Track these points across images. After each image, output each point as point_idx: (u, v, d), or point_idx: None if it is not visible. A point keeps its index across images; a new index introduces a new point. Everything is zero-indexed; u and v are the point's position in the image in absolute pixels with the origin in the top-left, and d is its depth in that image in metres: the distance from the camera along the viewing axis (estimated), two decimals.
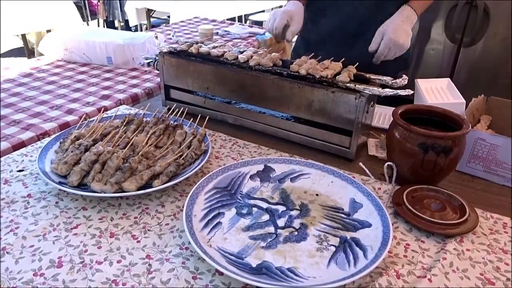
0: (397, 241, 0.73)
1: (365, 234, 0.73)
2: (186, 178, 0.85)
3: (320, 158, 0.99)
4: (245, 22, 4.53)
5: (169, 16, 4.18)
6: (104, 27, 4.97)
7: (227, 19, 3.20)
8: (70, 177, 0.80)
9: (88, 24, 4.99)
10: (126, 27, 5.05)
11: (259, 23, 4.61)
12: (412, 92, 0.91)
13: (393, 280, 0.65)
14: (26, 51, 3.56)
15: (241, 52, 1.12)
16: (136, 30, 4.82)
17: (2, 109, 1.41)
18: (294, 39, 1.33)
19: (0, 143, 1.17)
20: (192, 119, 1.06)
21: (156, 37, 1.98)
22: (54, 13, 3.29)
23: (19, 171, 0.90)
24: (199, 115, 1.06)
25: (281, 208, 0.80)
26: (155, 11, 4.39)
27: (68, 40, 1.90)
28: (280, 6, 5.04)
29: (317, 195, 0.84)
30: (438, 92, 1.14)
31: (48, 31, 3.18)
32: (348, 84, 0.93)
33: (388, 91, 0.89)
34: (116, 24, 5.13)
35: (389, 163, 0.86)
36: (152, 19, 4.56)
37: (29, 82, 1.67)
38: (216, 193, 0.82)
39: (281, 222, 0.76)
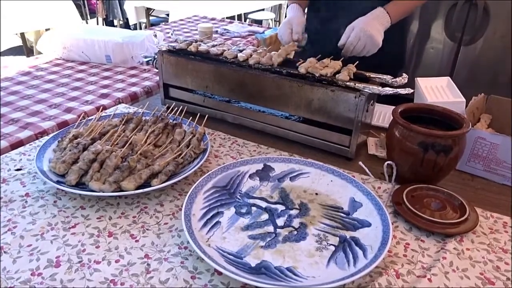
0: (397, 240, 0.73)
1: (365, 233, 0.72)
2: (185, 177, 0.84)
3: (319, 157, 0.98)
4: (245, 21, 4.52)
5: (168, 15, 4.17)
6: (103, 25, 4.96)
7: (227, 18, 3.20)
8: (68, 176, 0.79)
9: (87, 23, 4.98)
10: (126, 25, 5.04)
11: (259, 22, 4.61)
12: (412, 90, 0.91)
13: (393, 279, 0.64)
14: (25, 49, 3.55)
15: (241, 51, 1.12)
16: (135, 29, 4.81)
17: (0, 107, 1.41)
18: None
19: None
20: (191, 117, 1.05)
21: (155, 36, 1.97)
22: (53, 11, 3.28)
23: (17, 170, 0.89)
24: (198, 114, 1.05)
25: (280, 208, 0.80)
26: (154, 9, 4.38)
27: (66, 38, 1.89)
28: (280, 6, 5.04)
29: (316, 194, 0.84)
30: (438, 91, 1.13)
31: (47, 29, 3.17)
32: (347, 83, 0.93)
33: (388, 90, 0.88)
34: (116, 23, 5.12)
35: (389, 162, 0.86)
36: (151, 18, 4.54)
37: (28, 81, 1.67)
38: (215, 192, 0.81)
39: (280, 221, 0.76)
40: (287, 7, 1.33)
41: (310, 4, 1.38)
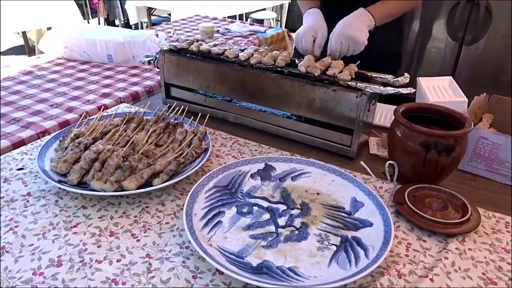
0: (399, 240, 0.73)
1: (366, 233, 0.72)
2: (187, 177, 0.84)
3: (321, 156, 0.98)
4: (246, 20, 4.52)
5: (170, 14, 4.17)
6: (105, 25, 4.96)
7: (228, 17, 3.20)
8: (69, 176, 0.80)
9: (88, 22, 4.98)
10: (126, 25, 5.04)
11: (260, 21, 4.60)
12: (414, 90, 0.91)
13: (395, 279, 0.64)
14: (27, 49, 3.55)
15: (242, 50, 1.12)
16: (136, 28, 4.82)
17: (2, 107, 1.41)
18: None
19: (0, 141, 1.17)
20: (192, 117, 1.05)
21: (157, 35, 1.98)
22: (55, 11, 3.28)
23: (19, 169, 0.89)
24: (200, 113, 1.05)
25: (282, 207, 0.79)
26: (156, 9, 4.38)
27: (68, 38, 1.90)
28: (281, 5, 5.03)
29: (318, 194, 0.84)
30: (440, 90, 1.13)
31: (49, 29, 3.17)
32: (349, 82, 0.93)
33: (390, 90, 0.88)
34: (117, 23, 5.12)
35: (390, 161, 0.85)
36: (152, 17, 4.55)
37: (29, 80, 1.67)
38: (216, 191, 0.81)
39: (282, 221, 0.76)
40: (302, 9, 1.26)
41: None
